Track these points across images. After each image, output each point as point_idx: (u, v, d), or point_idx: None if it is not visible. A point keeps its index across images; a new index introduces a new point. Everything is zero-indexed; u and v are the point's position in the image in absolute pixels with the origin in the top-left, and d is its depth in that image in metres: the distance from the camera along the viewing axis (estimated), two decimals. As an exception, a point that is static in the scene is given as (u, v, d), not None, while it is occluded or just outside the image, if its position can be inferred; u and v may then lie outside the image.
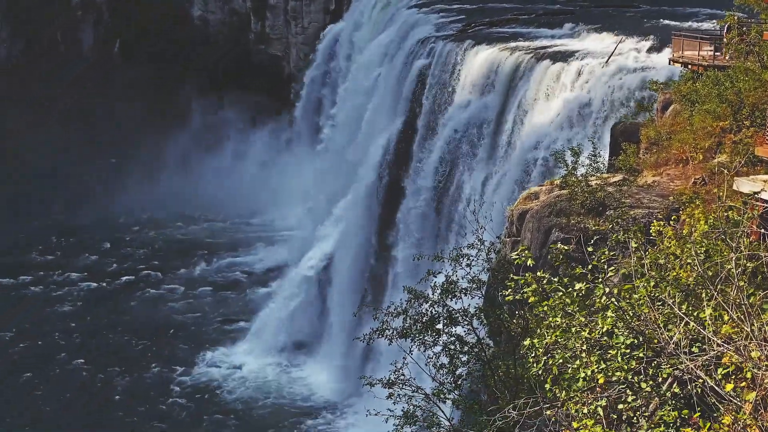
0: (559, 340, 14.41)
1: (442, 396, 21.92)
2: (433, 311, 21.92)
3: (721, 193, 18.03)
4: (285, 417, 47.07)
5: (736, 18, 31.98)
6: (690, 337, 12.86)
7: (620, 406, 13.03)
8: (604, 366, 13.54)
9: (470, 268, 22.70)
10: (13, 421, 47.13)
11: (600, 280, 14.70)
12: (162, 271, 64.81)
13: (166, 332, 56.40)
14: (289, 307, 53.69)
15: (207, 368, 52.08)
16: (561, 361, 14.33)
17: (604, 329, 13.75)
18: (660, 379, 12.83)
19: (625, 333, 13.46)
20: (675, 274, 14.42)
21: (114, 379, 51.22)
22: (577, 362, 14.05)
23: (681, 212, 22.38)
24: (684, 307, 13.41)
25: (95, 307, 59.90)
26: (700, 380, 12.16)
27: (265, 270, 63.85)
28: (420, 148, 46.29)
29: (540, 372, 14.85)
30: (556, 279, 14.63)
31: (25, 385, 50.58)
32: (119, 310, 59.56)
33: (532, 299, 14.95)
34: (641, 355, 13.12)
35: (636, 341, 13.33)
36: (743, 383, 11.93)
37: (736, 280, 13.11)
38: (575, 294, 14.56)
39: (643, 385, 12.83)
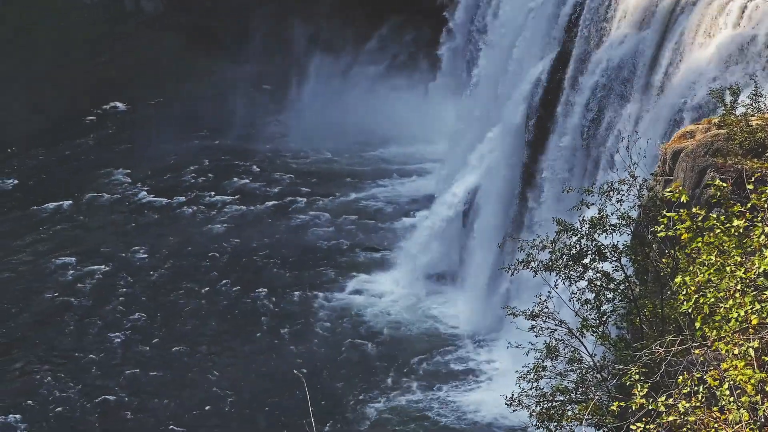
0: (713, 278, 14.06)
1: (585, 331, 21.76)
2: (582, 245, 21.69)
3: None
4: (425, 346, 47.63)
5: None
6: None
7: (773, 348, 12.69)
8: (758, 307, 13.17)
9: (620, 204, 22.32)
10: (160, 337, 49.09)
11: (759, 219, 14.23)
12: (308, 198, 65.80)
13: (311, 258, 57.44)
14: (433, 238, 53.89)
15: (349, 295, 52.91)
16: (713, 300, 13.99)
17: (761, 269, 13.34)
18: (817, 323, 12.41)
19: (783, 274, 13.04)
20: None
21: (259, 301, 52.61)
22: (730, 302, 13.70)
23: None
24: None
25: (243, 229, 61.39)
26: None
27: (410, 200, 64.11)
28: (572, 83, 45.39)
29: (690, 311, 14.52)
30: (713, 215, 14.23)
31: (174, 303, 52.47)
32: (266, 234, 60.87)
33: (685, 236, 14.58)
34: (799, 297, 12.70)
35: (794, 283, 12.90)
36: None
37: None
38: (732, 231, 14.14)
39: (799, 328, 12.43)
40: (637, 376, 14.54)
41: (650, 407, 13.76)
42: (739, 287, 13.55)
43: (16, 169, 70.96)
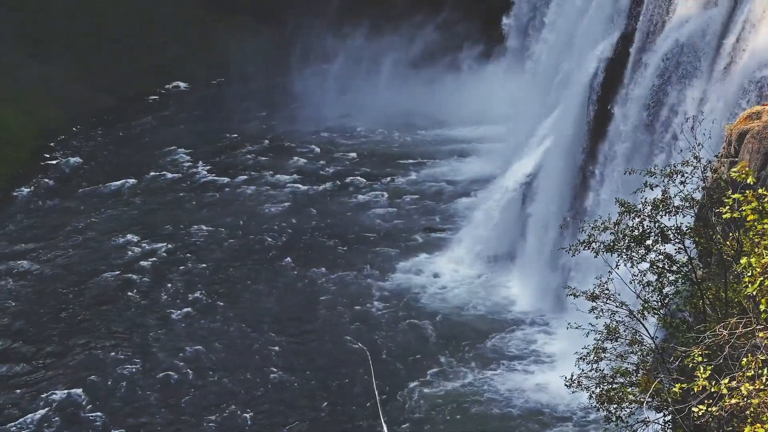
0: (778, 260, 13.85)
1: (646, 314, 21.54)
2: (644, 226, 21.42)
3: None
4: (483, 327, 47.51)
5: None
6: None
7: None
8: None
9: (684, 186, 22.00)
10: (221, 315, 49.55)
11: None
12: (368, 178, 65.93)
13: (369, 238, 57.60)
14: (492, 219, 53.69)
15: (407, 275, 52.95)
16: (779, 282, 13.78)
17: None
18: None
19: None
20: None
21: (318, 279, 52.88)
22: (796, 285, 13.50)
23: None
24: None
25: (303, 209, 61.73)
26: None
27: (469, 181, 63.95)
28: (635, 63, 44.81)
29: (755, 293, 14.33)
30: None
31: (234, 281, 52.96)
32: (325, 213, 61.16)
33: (751, 217, 14.36)
34: None
35: None
36: None
37: None
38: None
39: None
40: (699, 358, 14.40)
41: (713, 390, 13.62)
42: (806, 270, 13.34)
43: (79, 148, 72.02)
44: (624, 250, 21.64)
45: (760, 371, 13.37)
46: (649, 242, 21.56)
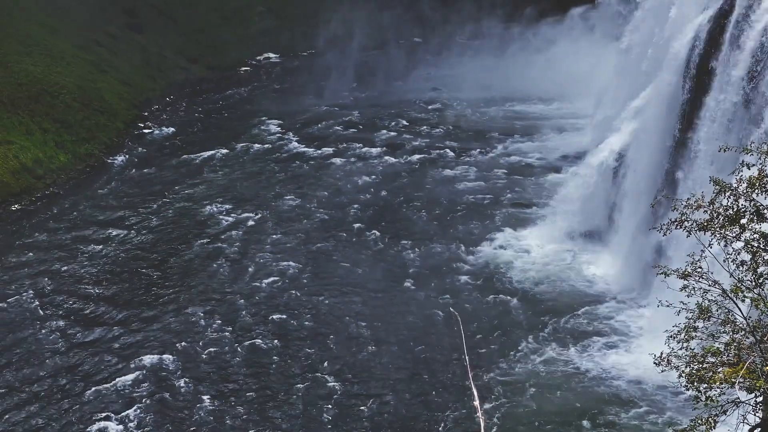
0: None
1: (740, 293, 21.11)
2: (739, 205, 20.97)
3: None
4: (571, 303, 47.08)
5: None
6: None
7: None
8: None
9: (781, 163, 21.46)
10: (308, 285, 50.02)
11: None
12: (456, 152, 65.83)
13: (458, 212, 57.55)
14: (582, 195, 53.17)
15: (494, 250, 52.77)
16: None
17: None
18: None
19: None
20: None
21: (405, 252, 53.03)
22: None
23: None
24: None
25: (391, 181, 61.93)
26: None
27: (559, 157, 63.46)
28: (733, 40, 43.75)
29: None
30: None
31: (322, 252, 53.44)
32: (414, 186, 61.28)
33: None
34: None
35: None
36: None
37: None
38: None
39: None
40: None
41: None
42: None
43: (172, 118, 73.23)
44: (717, 229, 21.20)
45: None
46: (744, 221, 21.09)
